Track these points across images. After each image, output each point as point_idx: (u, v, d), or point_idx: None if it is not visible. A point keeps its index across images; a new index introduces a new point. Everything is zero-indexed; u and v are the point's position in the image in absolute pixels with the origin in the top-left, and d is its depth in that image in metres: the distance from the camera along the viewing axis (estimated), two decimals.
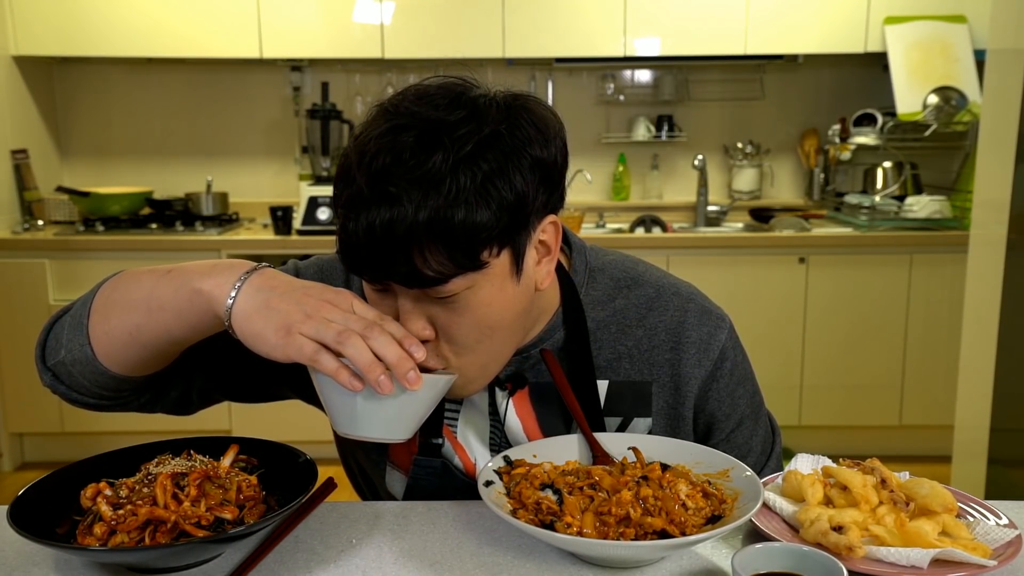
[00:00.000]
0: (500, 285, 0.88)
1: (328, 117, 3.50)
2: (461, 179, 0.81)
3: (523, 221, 0.87)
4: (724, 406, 1.08)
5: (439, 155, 0.81)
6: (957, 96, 3.44)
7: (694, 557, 0.88)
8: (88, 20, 3.38)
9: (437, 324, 0.89)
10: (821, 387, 3.42)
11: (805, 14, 3.46)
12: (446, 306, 0.87)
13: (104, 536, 0.83)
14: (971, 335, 2.38)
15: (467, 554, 0.88)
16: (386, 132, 0.83)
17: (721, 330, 1.06)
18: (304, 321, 0.80)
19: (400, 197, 0.80)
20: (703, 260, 3.30)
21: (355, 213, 0.82)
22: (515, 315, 0.92)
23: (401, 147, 0.82)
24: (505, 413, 1.05)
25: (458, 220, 0.81)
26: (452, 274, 0.83)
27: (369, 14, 3.44)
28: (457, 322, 0.88)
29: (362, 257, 0.84)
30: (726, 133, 3.93)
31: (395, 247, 0.81)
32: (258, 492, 0.91)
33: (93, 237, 3.27)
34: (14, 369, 3.30)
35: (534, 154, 0.86)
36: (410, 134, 0.82)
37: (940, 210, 3.41)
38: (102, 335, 0.92)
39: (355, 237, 0.83)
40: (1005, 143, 2.19)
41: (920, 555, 0.81)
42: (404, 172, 0.81)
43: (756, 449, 1.13)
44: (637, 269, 1.10)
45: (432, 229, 0.81)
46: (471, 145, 0.82)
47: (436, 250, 0.82)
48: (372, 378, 0.78)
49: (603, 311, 1.05)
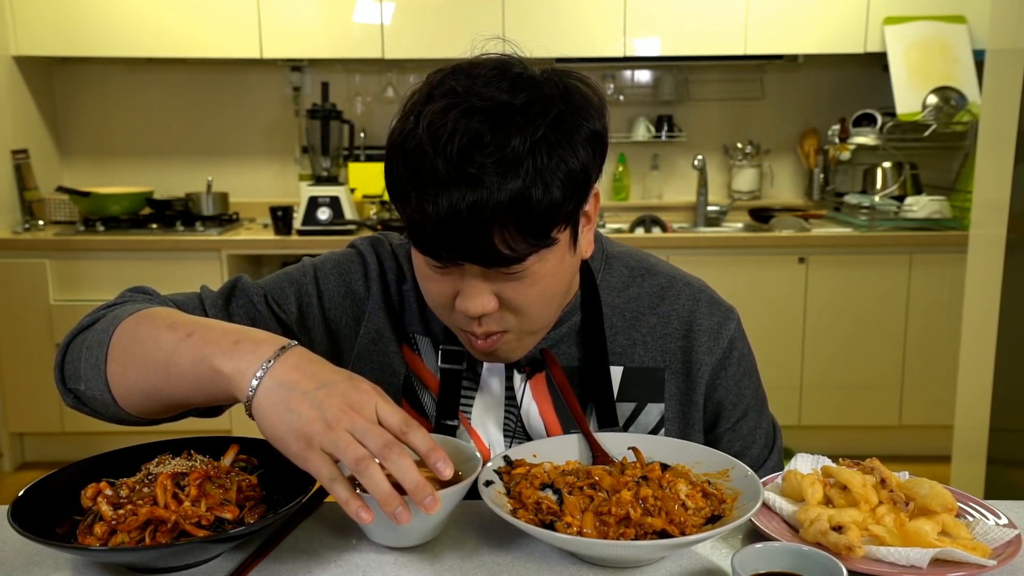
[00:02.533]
0: (561, 257, 0.93)
1: (328, 117, 3.50)
2: (538, 161, 0.84)
3: (585, 195, 0.92)
4: (732, 395, 1.11)
5: (516, 139, 0.83)
6: (957, 96, 3.44)
7: (694, 557, 0.88)
8: (88, 20, 3.38)
9: (502, 296, 0.92)
10: (821, 387, 3.42)
11: (805, 14, 3.46)
12: (513, 279, 0.91)
13: (104, 536, 0.83)
14: (971, 335, 2.38)
15: (467, 554, 0.88)
16: (458, 116, 0.84)
17: (731, 320, 1.11)
18: (325, 433, 0.77)
19: (482, 179, 0.82)
20: (703, 260, 3.30)
21: (434, 195, 0.83)
22: (568, 283, 0.99)
23: (477, 131, 0.83)
24: (522, 397, 1.07)
25: (536, 200, 0.84)
26: (528, 252, 0.87)
27: (369, 14, 3.44)
28: (524, 293, 0.92)
29: (440, 238, 0.86)
30: (726, 133, 3.93)
31: (476, 228, 0.84)
32: (258, 492, 0.91)
33: (93, 237, 3.27)
34: (14, 369, 3.30)
35: (592, 128, 0.90)
36: (482, 117, 0.84)
37: (940, 210, 3.41)
38: (121, 386, 0.91)
39: (435, 219, 0.84)
40: (1005, 143, 2.19)
41: (920, 555, 0.81)
42: (484, 155, 0.83)
43: (760, 441, 1.15)
44: (650, 260, 1.14)
45: (513, 210, 0.84)
46: (543, 128, 0.85)
47: (515, 230, 0.85)
48: (388, 511, 0.76)
49: (618, 297, 1.09)
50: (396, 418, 0.80)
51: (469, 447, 0.93)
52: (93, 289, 3.25)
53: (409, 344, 1.09)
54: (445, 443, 0.94)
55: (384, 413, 0.80)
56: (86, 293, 3.25)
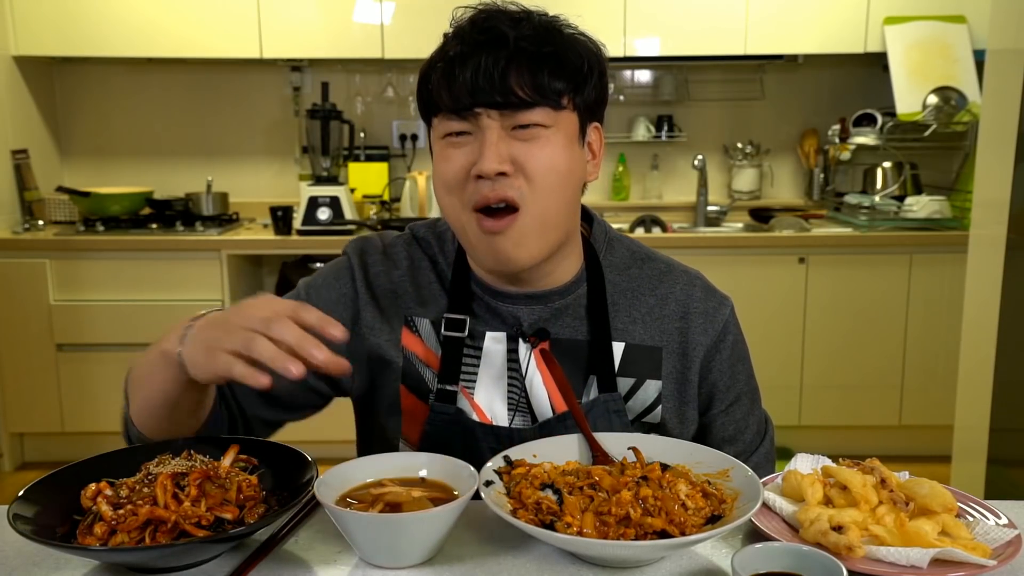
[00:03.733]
0: (570, 140, 1.03)
1: (328, 117, 3.50)
2: (546, 42, 1.00)
3: (587, 98, 1.05)
4: (725, 377, 1.15)
5: (530, 23, 1.01)
6: (957, 96, 3.44)
7: (694, 557, 0.88)
8: (88, 20, 3.38)
9: (517, 160, 1.00)
10: (821, 387, 3.42)
11: (805, 14, 3.46)
12: (526, 141, 1.00)
13: (104, 536, 0.83)
14: (971, 335, 2.38)
15: (467, 554, 0.88)
16: (483, 9, 1.02)
17: (725, 307, 1.16)
18: (222, 338, 0.87)
19: (504, 35, 0.99)
20: (703, 260, 3.25)
21: (463, 54, 0.98)
22: (575, 181, 1.05)
23: (500, 15, 1.01)
24: (527, 366, 1.10)
25: (546, 52, 0.99)
26: (536, 103, 0.99)
27: (369, 14, 3.44)
28: (536, 154, 1.00)
29: (465, 88, 0.98)
30: (726, 133, 3.93)
31: (497, 76, 0.97)
32: (258, 492, 0.91)
33: (93, 237, 3.26)
34: (14, 369, 3.30)
35: (599, 57, 1.07)
36: (505, 11, 1.02)
37: (940, 210, 3.41)
38: (136, 414, 1.03)
39: (460, 72, 0.98)
40: (1005, 143, 2.19)
41: (920, 555, 0.81)
42: (505, 25, 1.00)
43: (752, 429, 1.18)
44: (649, 248, 1.20)
45: (527, 68, 0.98)
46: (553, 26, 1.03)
47: (528, 82, 0.98)
48: (278, 367, 0.83)
49: (619, 276, 1.15)
50: (286, 304, 0.88)
51: (466, 466, 0.92)
52: (93, 289, 3.25)
53: (408, 326, 1.13)
54: (445, 463, 0.94)
55: (276, 304, 0.89)
56: (86, 293, 3.25)
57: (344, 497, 0.90)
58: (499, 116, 0.99)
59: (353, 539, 0.86)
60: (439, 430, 1.09)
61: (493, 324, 1.11)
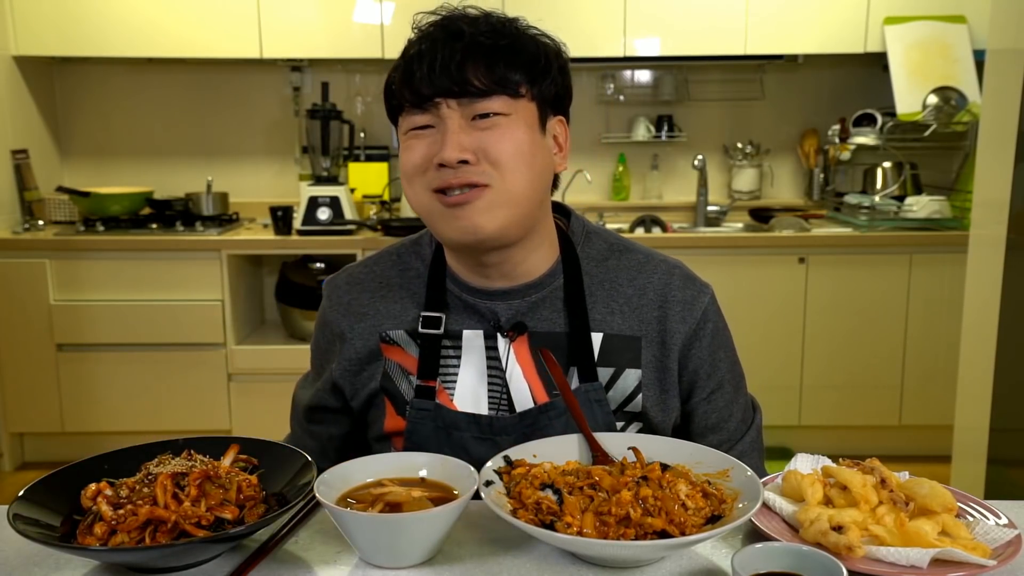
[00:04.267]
0: (530, 127, 1.05)
1: (328, 117, 3.50)
2: (505, 30, 1.05)
3: (545, 90, 1.07)
4: (706, 365, 1.15)
5: (488, 20, 1.05)
6: (957, 96, 3.44)
7: (694, 557, 0.88)
8: (88, 20, 3.38)
9: (480, 148, 1.02)
10: (821, 387, 3.42)
11: (805, 14, 3.46)
12: (488, 129, 1.02)
13: (104, 536, 0.83)
14: (971, 335, 2.38)
15: (467, 554, 0.88)
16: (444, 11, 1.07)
17: (704, 295, 1.17)
18: None
19: (461, 30, 1.03)
20: (703, 260, 3.29)
21: (421, 51, 1.03)
22: (541, 167, 1.07)
23: (458, 14, 1.06)
24: (507, 361, 1.11)
25: (501, 45, 1.03)
26: (495, 89, 1.02)
27: (369, 14, 3.44)
28: (497, 141, 1.02)
29: (424, 80, 1.01)
30: (726, 133, 3.93)
31: (453, 67, 1.00)
32: (258, 492, 0.91)
33: (93, 237, 3.26)
34: (14, 369, 3.30)
35: (559, 54, 1.10)
36: (464, 10, 1.07)
37: (940, 210, 3.41)
38: None
39: (418, 66, 1.02)
40: (1005, 143, 2.19)
41: (920, 555, 0.81)
42: (461, 23, 1.04)
43: (736, 417, 1.18)
44: (627, 240, 1.22)
45: (482, 60, 1.02)
46: (510, 23, 1.07)
47: (484, 72, 1.01)
48: None
49: (597, 268, 1.16)
50: None
51: (466, 466, 0.92)
52: (93, 289, 3.25)
53: (384, 340, 1.15)
54: (445, 463, 0.94)
55: None
56: (86, 293, 3.25)
57: (344, 497, 0.90)
58: (458, 106, 1.02)
59: (353, 539, 0.86)
60: (420, 427, 1.10)
61: (471, 321, 1.13)
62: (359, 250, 3.28)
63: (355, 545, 0.87)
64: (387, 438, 1.15)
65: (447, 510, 0.84)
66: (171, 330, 3.27)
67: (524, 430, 1.08)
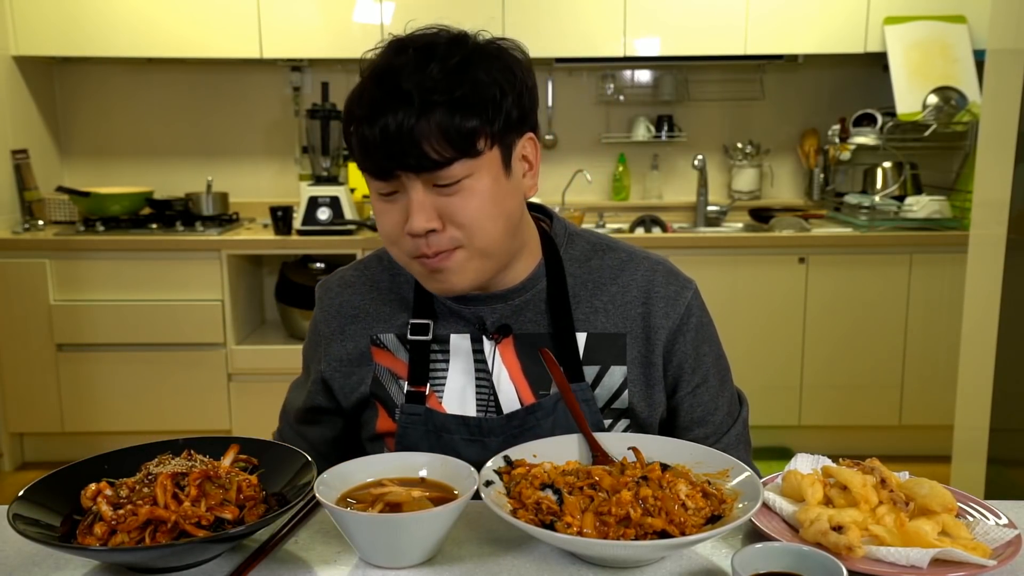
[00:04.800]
0: (495, 177, 1.02)
1: (328, 117, 3.50)
2: (452, 79, 0.98)
3: (508, 124, 1.01)
4: (690, 359, 1.15)
5: (435, 64, 0.98)
6: (957, 96, 3.44)
7: (694, 557, 0.88)
8: (88, 20, 3.38)
9: (445, 213, 1.01)
10: (821, 387, 3.42)
11: (805, 14, 3.46)
12: (452, 195, 1.00)
13: (104, 536, 0.83)
14: (971, 335, 2.38)
15: (467, 554, 0.88)
16: (392, 53, 1.01)
17: (687, 290, 1.17)
18: None
19: (410, 98, 0.96)
20: (703, 260, 3.29)
21: (370, 119, 0.98)
22: (511, 209, 1.05)
23: (403, 62, 0.99)
24: (493, 362, 1.12)
25: (452, 111, 0.97)
26: (453, 158, 0.98)
27: (369, 14, 3.44)
28: (463, 206, 1.00)
29: (380, 153, 0.98)
30: (726, 133, 3.93)
31: (407, 139, 0.96)
32: (258, 492, 0.91)
33: (93, 237, 3.26)
34: (14, 369, 3.30)
35: (507, 64, 1.03)
36: (411, 51, 1.00)
37: (940, 210, 3.41)
38: None
39: (372, 137, 0.98)
40: (1005, 143, 2.19)
41: (920, 555, 0.81)
42: (407, 79, 0.97)
43: (722, 410, 1.18)
44: (610, 238, 1.22)
45: (434, 120, 0.96)
46: (459, 57, 1.00)
47: (440, 137, 0.97)
48: None
49: (580, 269, 1.16)
50: None
51: (466, 466, 0.92)
52: (93, 289, 3.25)
53: (375, 344, 1.16)
54: (445, 463, 0.94)
55: None
56: (86, 293, 3.25)
57: (344, 497, 0.90)
58: (417, 177, 0.99)
59: (353, 539, 0.86)
60: (410, 431, 1.11)
61: (457, 326, 1.14)
62: (359, 250, 3.28)
63: (355, 545, 0.87)
64: (380, 438, 1.15)
65: (447, 510, 0.84)
66: (171, 330, 3.27)
67: (512, 431, 1.09)
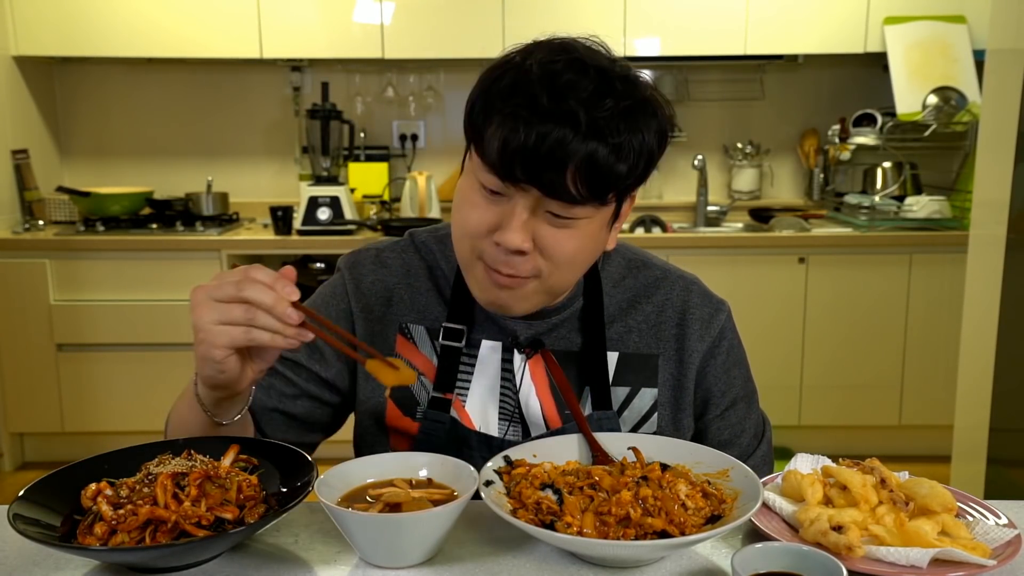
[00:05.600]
0: (599, 227, 1.00)
1: (328, 117, 3.50)
2: (622, 125, 0.92)
3: (642, 178, 0.98)
4: (720, 383, 1.15)
5: (610, 100, 0.92)
6: (957, 96, 3.44)
7: (694, 557, 0.88)
8: (88, 20, 3.38)
9: (541, 240, 0.96)
10: (821, 387, 3.42)
11: (805, 14, 3.46)
12: (559, 228, 0.96)
13: (104, 536, 0.83)
14: (971, 335, 2.38)
15: (467, 554, 0.88)
16: (568, 62, 0.93)
17: (722, 312, 1.16)
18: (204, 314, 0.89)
19: (577, 120, 0.90)
20: (703, 260, 3.29)
21: (527, 120, 0.90)
22: (594, 257, 1.05)
23: (577, 79, 0.91)
24: (521, 378, 1.10)
25: (612, 155, 0.92)
26: (589, 199, 0.93)
27: (369, 14, 3.44)
28: (563, 243, 0.97)
29: (520, 160, 0.91)
30: (726, 133, 3.93)
31: (556, 160, 0.90)
32: (258, 492, 0.91)
33: (93, 237, 3.26)
34: (14, 369, 3.30)
35: (665, 137, 0.99)
36: (589, 72, 0.92)
37: (940, 210, 3.41)
38: None
39: (523, 140, 0.90)
40: (1005, 143, 2.19)
41: (920, 555, 0.81)
42: (581, 103, 0.90)
43: (749, 432, 1.18)
44: (644, 254, 1.20)
45: (592, 156, 0.91)
46: (632, 101, 0.93)
47: (587, 173, 0.91)
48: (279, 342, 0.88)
49: (614, 288, 1.15)
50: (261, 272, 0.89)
51: (466, 466, 0.92)
52: (93, 289, 3.25)
53: (403, 333, 1.13)
54: (445, 463, 0.94)
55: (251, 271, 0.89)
56: (86, 293, 3.26)
57: (344, 497, 0.90)
58: (540, 196, 0.94)
59: (353, 539, 0.86)
60: (431, 438, 1.08)
61: (491, 332, 1.11)
62: None
63: (355, 545, 0.87)
64: (384, 429, 1.12)
65: (447, 510, 0.84)
66: (171, 330, 3.26)
67: None
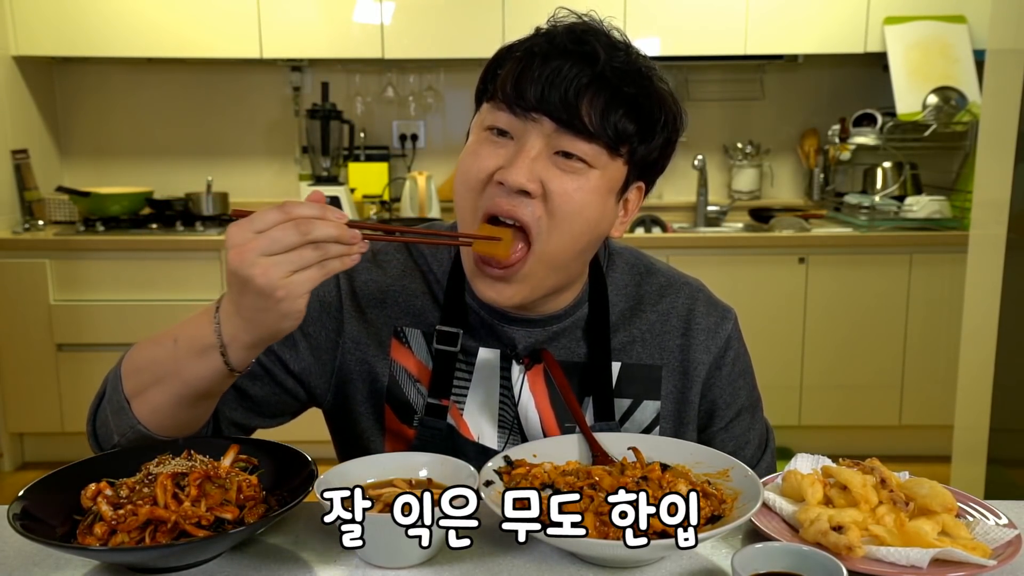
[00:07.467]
0: (606, 192, 0.97)
1: (328, 117, 3.50)
2: (639, 80, 0.95)
3: (645, 157, 0.98)
4: (726, 394, 1.12)
5: (628, 57, 0.95)
6: (957, 96, 3.44)
7: (694, 557, 0.88)
8: (88, 20, 3.38)
9: (548, 184, 0.94)
10: (821, 387, 3.42)
11: (805, 14, 3.46)
12: (566, 171, 0.94)
13: (104, 536, 0.83)
14: (971, 335, 2.38)
15: (467, 554, 0.88)
16: (588, 22, 0.97)
17: (728, 320, 1.13)
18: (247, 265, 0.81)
19: (596, 56, 0.92)
20: (703, 260, 3.29)
21: (548, 54, 0.93)
22: (597, 232, 1.00)
23: (598, 37, 0.95)
24: (520, 389, 1.07)
25: (624, 110, 0.93)
26: (598, 136, 0.93)
27: (369, 14, 3.44)
28: (570, 192, 0.94)
29: (534, 85, 0.92)
30: (726, 133, 3.93)
31: (571, 90, 0.91)
32: (258, 492, 0.91)
33: (93, 237, 3.26)
34: (14, 369, 3.30)
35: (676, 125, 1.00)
36: (602, 38, 0.95)
37: (940, 210, 3.41)
38: (149, 413, 0.95)
39: (535, 70, 0.92)
40: (1005, 143, 2.19)
41: (920, 555, 0.81)
42: (601, 48, 0.93)
43: (753, 442, 1.16)
44: (649, 259, 1.17)
45: (605, 100, 0.92)
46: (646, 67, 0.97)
47: (600, 113, 0.92)
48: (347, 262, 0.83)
49: (618, 295, 1.11)
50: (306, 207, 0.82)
51: (466, 466, 0.92)
52: (93, 289, 3.25)
53: (397, 337, 1.08)
54: (445, 463, 0.94)
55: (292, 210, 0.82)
56: (86, 293, 3.26)
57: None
58: (550, 132, 0.93)
59: None
60: (427, 445, 1.04)
61: (488, 340, 1.07)
62: None
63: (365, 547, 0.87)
64: (380, 432, 1.09)
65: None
66: None
67: None
